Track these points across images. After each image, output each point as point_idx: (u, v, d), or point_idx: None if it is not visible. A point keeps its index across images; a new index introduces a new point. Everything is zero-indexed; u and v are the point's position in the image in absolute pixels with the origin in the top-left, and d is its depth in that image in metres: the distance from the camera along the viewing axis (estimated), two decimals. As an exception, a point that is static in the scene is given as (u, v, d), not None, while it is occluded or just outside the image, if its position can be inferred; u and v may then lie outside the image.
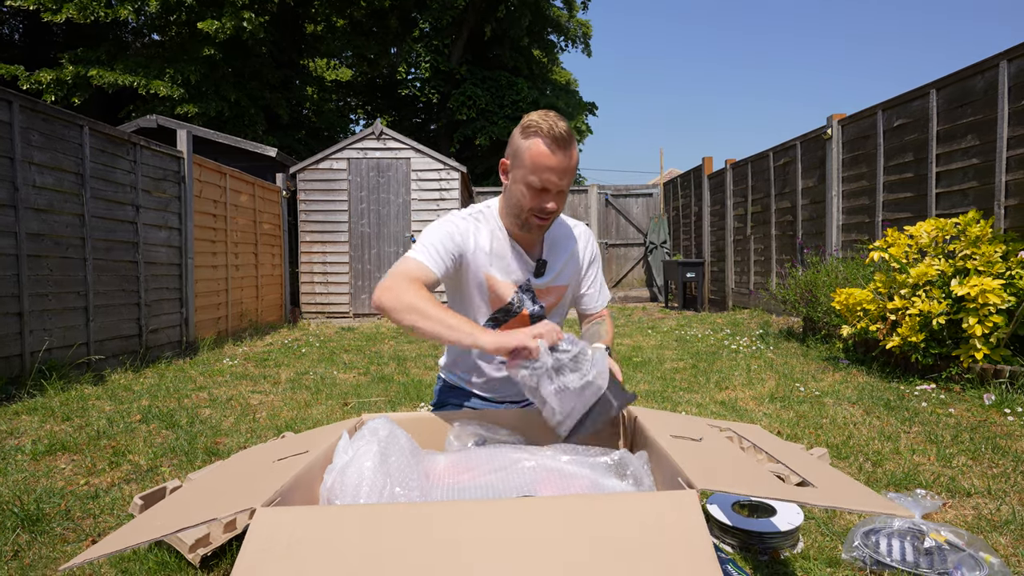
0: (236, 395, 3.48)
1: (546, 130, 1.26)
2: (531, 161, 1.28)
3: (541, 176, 1.28)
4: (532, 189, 1.30)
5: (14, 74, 9.86)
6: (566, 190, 1.33)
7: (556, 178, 1.28)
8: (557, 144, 1.26)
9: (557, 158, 1.27)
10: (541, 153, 1.26)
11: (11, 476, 2.11)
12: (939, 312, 3.15)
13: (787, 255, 6.70)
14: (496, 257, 1.41)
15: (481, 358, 1.51)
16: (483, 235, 1.42)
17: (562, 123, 1.27)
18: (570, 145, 1.28)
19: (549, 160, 1.26)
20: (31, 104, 3.69)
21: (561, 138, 1.26)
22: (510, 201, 1.37)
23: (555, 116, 1.28)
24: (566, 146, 1.27)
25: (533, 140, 1.27)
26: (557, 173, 1.28)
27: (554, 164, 1.27)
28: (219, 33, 9.90)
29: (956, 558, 1.34)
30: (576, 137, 9.76)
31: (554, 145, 1.26)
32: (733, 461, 0.98)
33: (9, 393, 3.30)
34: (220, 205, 6.00)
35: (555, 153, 1.26)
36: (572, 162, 1.30)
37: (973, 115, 4.10)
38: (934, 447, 2.26)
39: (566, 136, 1.26)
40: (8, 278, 3.49)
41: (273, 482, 0.89)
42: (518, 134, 1.31)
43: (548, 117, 1.28)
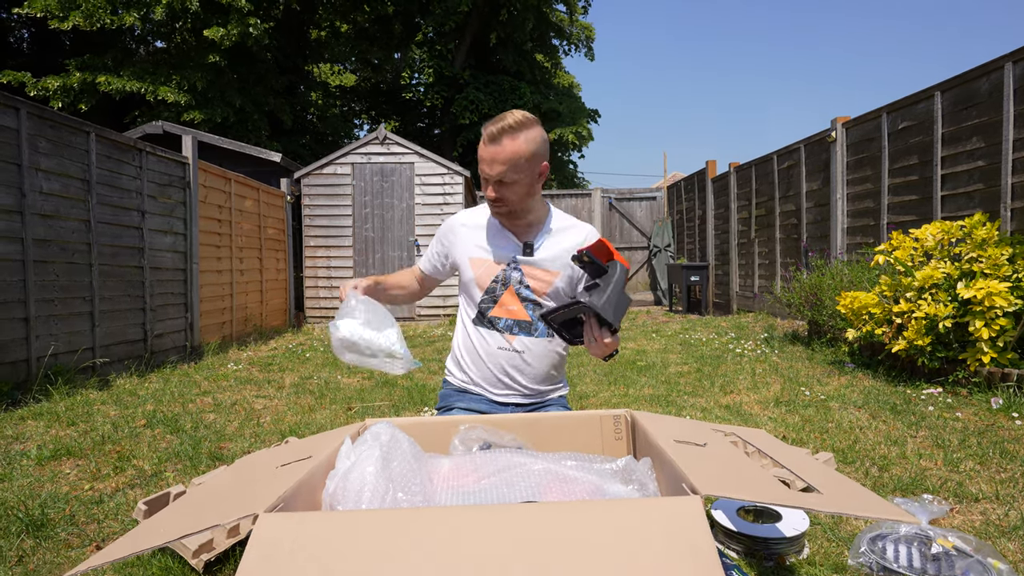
0: (240, 400, 3.48)
1: (487, 127, 1.42)
2: (479, 156, 1.46)
3: (480, 167, 1.45)
4: (482, 179, 1.47)
5: (21, 81, 9.95)
6: (509, 182, 1.44)
7: (487, 168, 1.43)
8: (489, 138, 1.41)
9: (486, 149, 1.42)
10: (480, 148, 1.44)
11: (16, 481, 2.12)
12: (945, 315, 3.13)
13: (791, 258, 6.67)
14: (482, 240, 1.58)
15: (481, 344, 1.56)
16: (476, 225, 1.60)
17: (508, 119, 1.40)
18: (500, 139, 1.39)
19: (481, 151, 1.43)
20: (38, 111, 3.72)
21: (492, 134, 1.40)
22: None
23: (510, 112, 1.42)
24: (496, 140, 1.40)
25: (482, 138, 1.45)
26: (487, 163, 1.43)
27: (483, 155, 1.43)
28: (224, 40, 9.97)
29: (964, 564, 1.33)
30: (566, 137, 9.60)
31: (487, 139, 1.42)
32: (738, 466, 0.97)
33: (15, 398, 3.32)
34: (225, 210, 6.03)
35: (485, 146, 1.42)
36: (503, 154, 1.40)
37: (978, 117, 4.09)
38: (941, 452, 2.24)
39: (496, 132, 1.40)
40: (15, 283, 3.51)
41: (276, 488, 0.89)
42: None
43: (502, 114, 1.43)
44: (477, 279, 1.55)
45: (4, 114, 3.48)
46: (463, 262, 1.58)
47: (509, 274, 1.54)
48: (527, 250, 1.55)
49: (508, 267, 1.54)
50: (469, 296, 1.59)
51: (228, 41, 10.00)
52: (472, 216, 1.62)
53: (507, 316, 1.55)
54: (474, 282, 1.56)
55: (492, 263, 1.55)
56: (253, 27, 10.10)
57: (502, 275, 1.54)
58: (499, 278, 1.54)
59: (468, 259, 1.57)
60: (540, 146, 1.43)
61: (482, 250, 1.57)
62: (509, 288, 1.54)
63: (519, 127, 1.39)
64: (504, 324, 1.54)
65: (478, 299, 1.56)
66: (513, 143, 1.39)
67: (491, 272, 1.55)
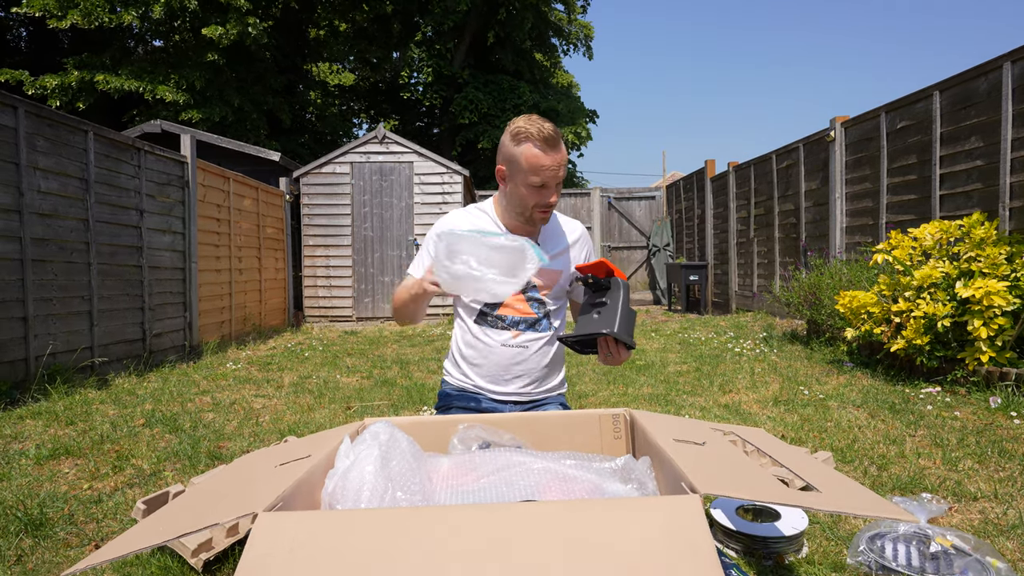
0: (239, 399, 3.48)
1: (536, 134, 1.40)
2: (528, 164, 1.42)
3: (542, 175, 1.42)
4: (533, 188, 1.44)
5: (19, 79, 9.93)
6: (561, 182, 1.48)
7: (552, 173, 1.43)
8: (548, 144, 1.40)
9: (550, 157, 1.41)
10: (535, 155, 1.41)
11: (15, 480, 2.12)
12: (944, 314, 3.14)
13: (790, 257, 6.68)
14: None
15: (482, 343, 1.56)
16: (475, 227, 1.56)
17: (547, 124, 1.41)
18: (559, 142, 1.42)
19: (544, 160, 1.41)
20: (36, 109, 3.71)
21: (550, 138, 1.40)
22: (512, 202, 1.51)
23: (539, 119, 1.43)
24: (555, 144, 1.41)
25: (526, 145, 1.41)
26: (552, 169, 1.42)
27: (548, 163, 1.41)
28: (223, 39, 9.96)
29: (962, 563, 1.33)
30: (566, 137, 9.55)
31: (545, 146, 1.40)
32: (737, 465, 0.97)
33: (14, 397, 3.31)
34: (224, 209, 6.02)
35: (547, 153, 1.41)
36: (563, 156, 1.44)
37: (977, 117, 4.09)
38: (940, 451, 2.24)
39: (554, 135, 1.41)
40: (13, 283, 3.51)
41: (275, 487, 0.89)
42: (509, 142, 1.44)
43: (533, 122, 1.42)
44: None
45: (2, 113, 3.47)
46: None
47: None
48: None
49: None
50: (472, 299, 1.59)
51: (226, 40, 9.99)
52: (464, 220, 1.59)
53: (513, 313, 1.56)
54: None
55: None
56: (252, 26, 10.08)
57: None
58: None
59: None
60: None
61: None
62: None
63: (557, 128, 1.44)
64: (511, 320, 1.55)
65: (482, 303, 1.56)
66: (563, 146, 1.45)
67: None
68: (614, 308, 1.31)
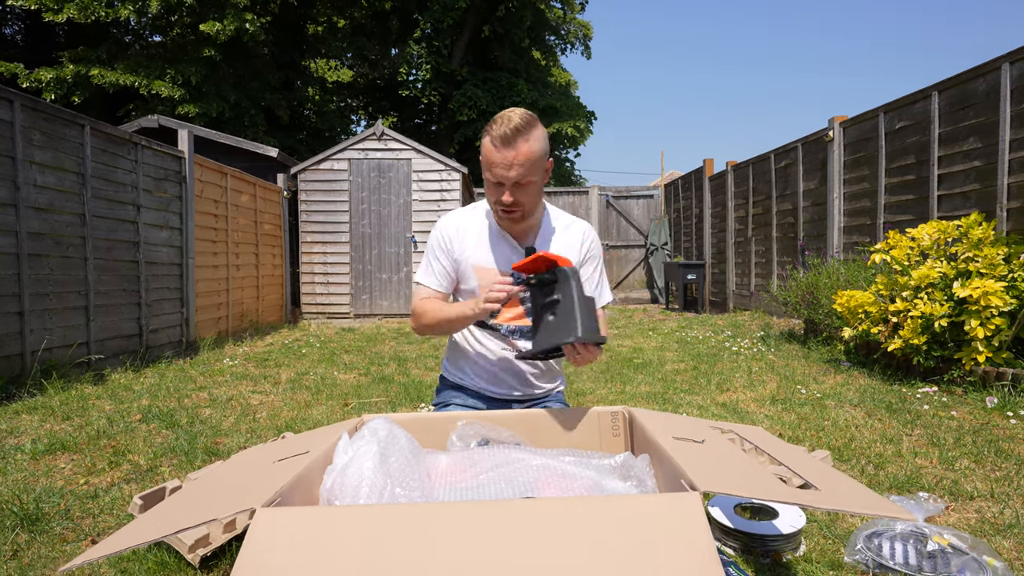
0: (236, 395, 3.47)
1: (495, 130, 1.35)
2: (485, 159, 1.39)
3: (493, 172, 1.38)
4: (490, 184, 1.41)
5: (14, 72, 9.87)
6: (526, 183, 1.38)
7: (504, 172, 1.36)
8: (503, 141, 1.34)
9: (501, 154, 1.35)
10: (489, 151, 1.37)
11: (11, 475, 2.11)
12: (941, 314, 3.15)
13: (788, 257, 6.69)
14: (483, 246, 1.52)
15: (481, 347, 1.55)
16: (472, 229, 1.53)
17: (515, 119, 1.34)
18: (515, 141, 1.34)
19: (495, 156, 1.36)
20: (32, 103, 3.69)
21: (506, 136, 1.33)
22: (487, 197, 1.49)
23: (512, 113, 1.36)
24: (511, 143, 1.34)
25: (485, 140, 1.39)
26: (503, 167, 1.36)
27: (499, 160, 1.35)
28: (220, 35, 9.91)
29: (959, 562, 1.34)
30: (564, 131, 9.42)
31: (499, 142, 1.35)
32: (735, 463, 0.97)
33: (9, 392, 3.30)
34: (221, 205, 6.00)
35: (499, 150, 1.35)
36: (520, 155, 1.35)
37: (975, 117, 4.10)
38: (936, 450, 2.25)
39: (510, 134, 1.33)
40: (9, 277, 3.49)
41: (273, 482, 0.88)
42: (484, 131, 1.41)
43: (504, 115, 1.37)
44: (481, 289, 1.50)
45: (-2, 106, 3.45)
46: (467, 270, 1.52)
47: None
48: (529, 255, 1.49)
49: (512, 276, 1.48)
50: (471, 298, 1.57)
51: (223, 36, 9.94)
52: (465, 219, 1.56)
53: (508, 322, 1.53)
54: (477, 291, 1.51)
55: (495, 272, 1.50)
56: (250, 23, 10.03)
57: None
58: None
59: (473, 267, 1.52)
60: (546, 142, 1.40)
61: (484, 257, 1.51)
62: (514, 298, 1.50)
63: (528, 126, 1.35)
64: (506, 329, 1.53)
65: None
66: (527, 143, 1.35)
67: (491, 279, 1.48)
68: (570, 306, 1.18)
